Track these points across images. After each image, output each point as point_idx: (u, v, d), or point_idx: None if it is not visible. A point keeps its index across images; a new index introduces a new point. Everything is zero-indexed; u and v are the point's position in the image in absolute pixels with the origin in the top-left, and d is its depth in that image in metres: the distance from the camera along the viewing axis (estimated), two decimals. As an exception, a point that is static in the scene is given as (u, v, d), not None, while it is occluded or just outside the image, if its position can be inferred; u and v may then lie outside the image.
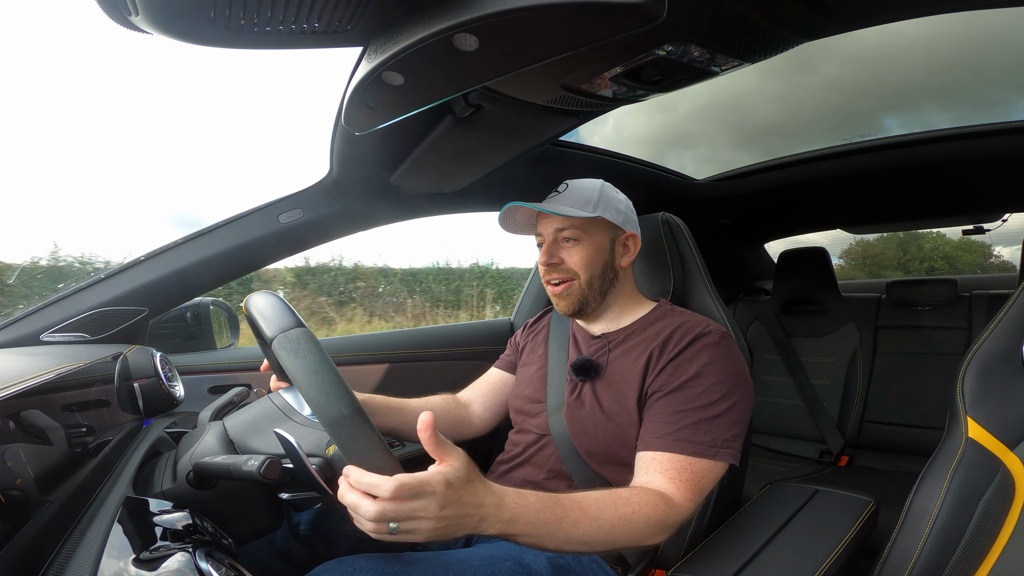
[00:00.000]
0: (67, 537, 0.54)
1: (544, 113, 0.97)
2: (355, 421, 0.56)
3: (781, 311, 2.19)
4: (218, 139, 13.32)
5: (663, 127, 2.59)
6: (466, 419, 1.13)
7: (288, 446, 0.60)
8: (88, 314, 1.06)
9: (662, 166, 1.75)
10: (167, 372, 1.00)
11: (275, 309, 0.64)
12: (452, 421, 1.09)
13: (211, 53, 0.67)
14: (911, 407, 1.89)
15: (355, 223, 1.33)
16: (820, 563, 0.78)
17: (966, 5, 0.76)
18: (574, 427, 0.94)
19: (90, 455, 0.67)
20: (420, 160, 1.13)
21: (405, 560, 0.70)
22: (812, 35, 0.78)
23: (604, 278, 0.98)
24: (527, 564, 0.77)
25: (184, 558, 0.52)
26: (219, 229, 1.18)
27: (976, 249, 6.63)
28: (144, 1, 0.56)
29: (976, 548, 0.73)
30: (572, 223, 0.96)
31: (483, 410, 1.15)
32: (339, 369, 0.58)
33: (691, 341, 0.89)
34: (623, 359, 0.95)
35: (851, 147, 1.69)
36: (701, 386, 0.84)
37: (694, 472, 0.80)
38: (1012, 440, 0.75)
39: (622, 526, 0.71)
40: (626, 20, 0.58)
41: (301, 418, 0.73)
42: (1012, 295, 0.84)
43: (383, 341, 1.61)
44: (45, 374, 0.63)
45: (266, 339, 0.61)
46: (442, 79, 0.73)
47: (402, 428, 1.00)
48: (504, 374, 1.19)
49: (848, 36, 0.81)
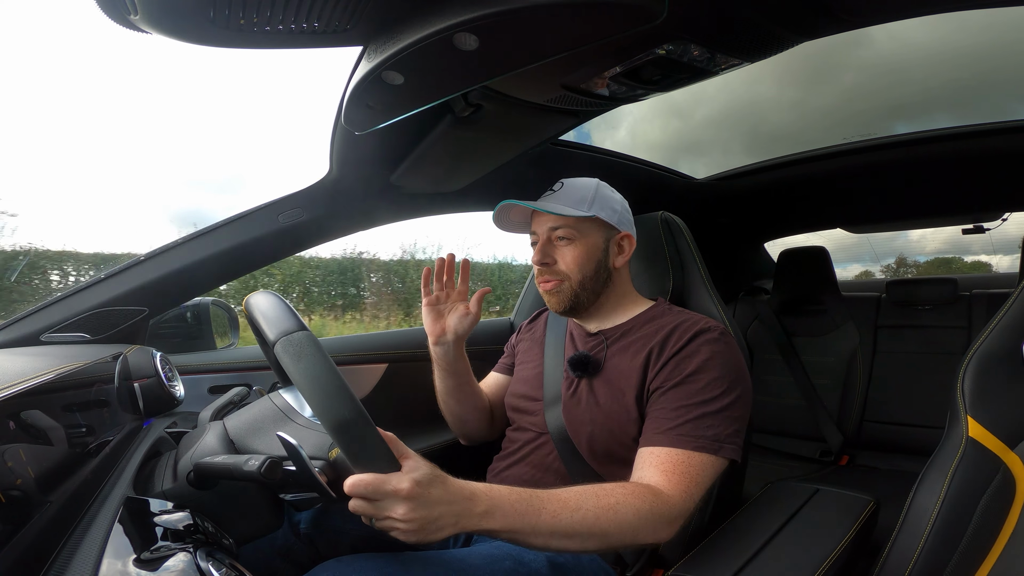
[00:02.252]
0: (68, 537, 0.54)
1: (544, 113, 0.97)
2: (358, 425, 0.56)
3: (781, 310, 2.19)
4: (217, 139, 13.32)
5: (677, 133, 2.59)
6: (489, 422, 1.15)
7: (291, 449, 0.60)
8: (88, 314, 1.06)
9: (662, 165, 1.75)
10: (167, 372, 1.00)
11: (277, 311, 0.63)
12: (482, 410, 1.13)
13: (211, 53, 0.67)
14: (911, 406, 1.89)
15: (355, 223, 1.33)
16: (820, 563, 0.78)
17: (966, 5, 0.76)
18: (571, 423, 0.94)
19: (90, 455, 0.67)
20: (420, 160, 1.13)
21: (405, 559, 0.70)
22: (812, 34, 0.78)
23: (597, 278, 0.97)
24: (526, 563, 0.77)
25: (185, 558, 0.52)
26: (219, 229, 1.18)
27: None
28: (144, 1, 0.56)
29: (976, 547, 0.73)
30: (566, 222, 0.95)
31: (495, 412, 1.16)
32: (339, 369, 0.58)
33: (692, 338, 0.89)
34: (621, 356, 0.95)
35: (851, 147, 1.69)
36: (702, 381, 0.85)
37: (691, 466, 0.79)
38: (1012, 439, 0.75)
39: (608, 516, 0.70)
40: (626, 19, 0.58)
41: (303, 419, 0.73)
42: (1012, 295, 0.84)
43: (383, 341, 1.61)
44: (45, 374, 0.63)
45: (268, 341, 0.62)
46: (442, 78, 0.73)
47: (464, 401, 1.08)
48: (502, 377, 1.19)
49: (867, 46, 0.82)
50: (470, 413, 1.09)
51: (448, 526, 0.62)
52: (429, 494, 0.60)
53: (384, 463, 0.58)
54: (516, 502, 0.67)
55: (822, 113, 2.22)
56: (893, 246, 6.61)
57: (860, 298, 2.10)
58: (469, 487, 0.65)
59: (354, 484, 0.58)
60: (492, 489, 0.67)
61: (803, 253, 2.16)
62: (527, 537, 0.67)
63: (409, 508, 0.58)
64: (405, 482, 0.58)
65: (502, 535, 0.66)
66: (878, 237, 3.15)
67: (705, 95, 0.71)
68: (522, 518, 0.66)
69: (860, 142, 1.67)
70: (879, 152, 1.65)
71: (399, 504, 0.58)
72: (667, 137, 2.50)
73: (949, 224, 2.34)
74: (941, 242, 5.54)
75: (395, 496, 0.58)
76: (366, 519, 0.61)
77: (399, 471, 0.59)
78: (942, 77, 1.86)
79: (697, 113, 2.60)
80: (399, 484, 0.58)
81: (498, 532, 0.65)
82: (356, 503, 0.59)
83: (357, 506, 0.60)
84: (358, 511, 0.60)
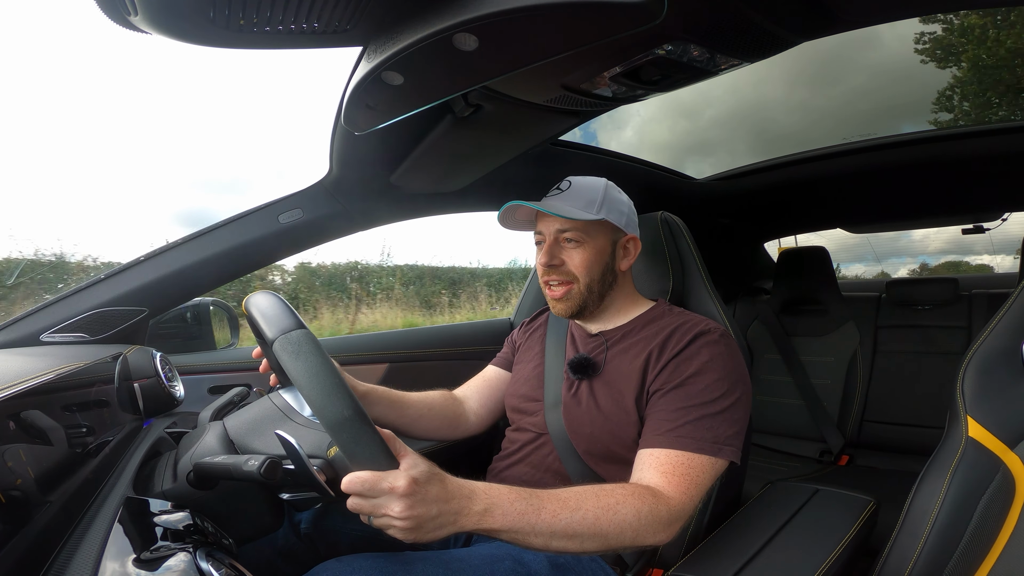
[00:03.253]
0: (68, 537, 0.54)
1: (544, 113, 0.97)
2: (356, 423, 0.56)
3: (781, 310, 2.19)
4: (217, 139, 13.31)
5: (685, 134, 2.61)
6: (461, 416, 1.12)
7: (289, 447, 0.60)
8: (88, 314, 1.06)
9: (662, 165, 1.75)
10: (167, 372, 1.00)
11: (275, 310, 0.64)
12: (448, 418, 1.09)
13: (211, 53, 0.67)
14: (911, 406, 1.89)
15: (355, 223, 1.33)
16: (820, 563, 0.78)
17: (966, 5, 0.76)
18: (571, 425, 0.94)
19: (90, 455, 0.67)
20: (420, 160, 1.13)
21: (405, 559, 0.70)
22: (811, 34, 0.78)
23: (603, 281, 0.97)
24: (526, 563, 0.77)
25: (185, 558, 0.52)
26: (219, 229, 1.18)
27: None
28: (144, 1, 0.56)
29: (976, 547, 0.73)
30: (575, 225, 0.94)
31: (478, 407, 1.14)
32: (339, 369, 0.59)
33: (692, 339, 0.89)
34: (621, 357, 0.95)
35: (851, 147, 1.69)
36: (702, 383, 0.84)
37: (691, 468, 0.79)
38: (1012, 439, 0.75)
39: (608, 517, 0.70)
40: (626, 20, 0.58)
41: (302, 419, 0.73)
42: (1012, 294, 0.84)
43: (383, 341, 1.61)
44: (45, 374, 0.63)
45: (267, 340, 0.62)
46: (442, 79, 0.73)
47: (400, 422, 1.01)
48: (501, 372, 1.18)
49: (877, 48, 0.82)
50: (436, 423, 1.06)
51: (447, 524, 0.62)
52: (427, 492, 0.60)
53: (382, 461, 0.58)
54: (515, 501, 0.67)
55: (829, 114, 2.22)
56: (896, 246, 6.62)
57: (860, 298, 2.10)
58: (468, 485, 0.65)
59: (351, 481, 0.58)
60: (491, 488, 0.67)
61: (803, 253, 2.16)
62: (527, 537, 0.67)
63: (406, 505, 0.58)
64: (402, 479, 0.58)
65: (501, 534, 0.66)
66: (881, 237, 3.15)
67: (713, 96, 0.72)
68: (521, 517, 0.66)
69: (860, 142, 1.67)
70: (879, 152, 1.65)
71: (396, 501, 0.58)
72: (675, 137, 2.51)
73: (949, 224, 2.34)
74: (944, 242, 5.55)
75: (392, 493, 0.58)
76: (364, 517, 0.61)
77: (397, 468, 0.59)
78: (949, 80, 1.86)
79: (705, 114, 2.62)
80: (396, 481, 0.58)
81: (497, 531, 0.65)
82: (353, 500, 0.60)
83: (355, 503, 0.60)
84: (355, 509, 0.60)
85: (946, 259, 5.54)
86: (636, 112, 1.71)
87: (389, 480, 0.58)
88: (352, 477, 0.58)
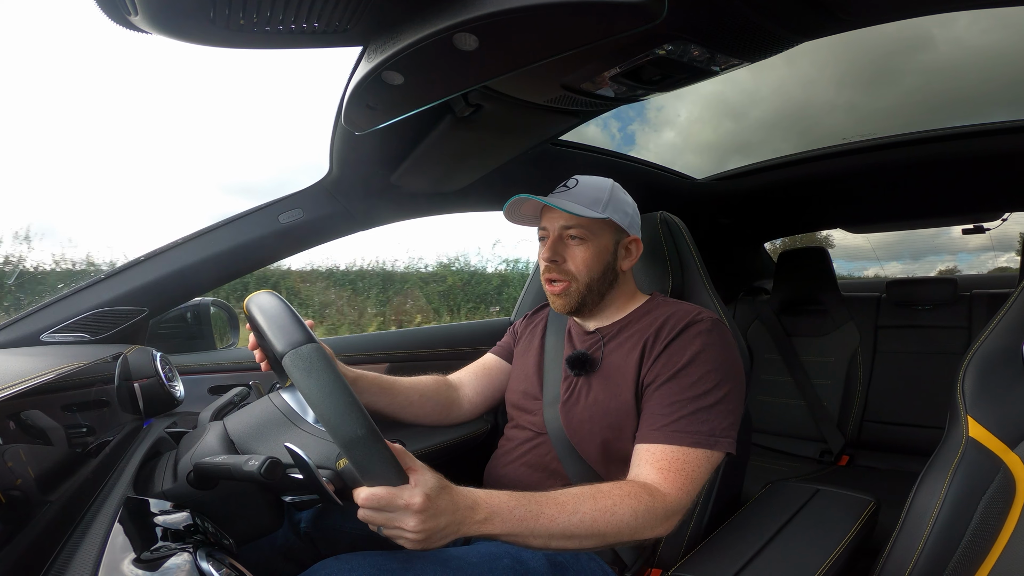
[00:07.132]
0: (68, 538, 0.54)
1: (544, 113, 0.97)
2: (370, 441, 0.57)
3: (781, 311, 2.19)
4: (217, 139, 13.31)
5: (729, 135, 2.60)
6: (455, 402, 1.12)
7: (299, 459, 0.60)
8: (88, 314, 1.06)
9: (661, 165, 1.75)
10: (167, 372, 1.00)
11: (283, 320, 0.63)
12: (441, 404, 1.09)
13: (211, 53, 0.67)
14: (911, 406, 1.89)
15: (355, 223, 1.33)
16: (820, 563, 0.78)
17: (966, 5, 0.76)
18: (570, 423, 0.94)
19: (90, 455, 0.67)
20: (420, 160, 1.13)
21: (403, 557, 0.71)
22: (811, 34, 0.78)
23: (604, 280, 0.97)
24: (525, 562, 0.77)
25: (185, 558, 0.52)
26: (219, 229, 1.18)
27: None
28: (144, 1, 0.56)
29: (977, 547, 0.73)
30: (580, 222, 0.94)
31: (473, 394, 1.14)
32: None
33: (683, 328, 0.89)
34: (617, 352, 0.95)
35: (851, 147, 1.69)
36: (695, 375, 0.85)
37: (687, 462, 0.80)
38: (1012, 439, 0.75)
39: (605, 519, 0.72)
40: (626, 20, 0.58)
41: (307, 426, 0.73)
42: (1012, 295, 0.84)
43: (383, 341, 1.61)
44: (45, 374, 0.63)
45: (276, 353, 0.62)
46: (442, 79, 0.73)
47: (389, 409, 1.02)
48: (500, 361, 1.18)
49: (930, 51, 0.81)
50: (427, 409, 1.08)
51: (451, 534, 0.64)
52: (437, 506, 0.62)
53: (394, 477, 0.60)
54: (515, 508, 0.69)
55: (881, 116, 2.19)
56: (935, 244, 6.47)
57: (860, 298, 2.10)
58: (471, 495, 0.67)
59: (367, 499, 0.60)
60: (492, 496, 0.69)
61: (803, 253, 2.16)
62: (526, 539, 0.69)
63: (420, 520, 0.60)
64: (418, 496, 0.60)
65: (501, 538, 0.68)
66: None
67: (760, 96, 0.71)
68: (520, 523, 0.68)
69: (860, 142, 1.67)
70: (879, 152, 1.64)
71: (411, 517, 0.60)
72: (718, 138, 2.49)
73: (949, 224, 2.34)
74: (986, 238, 5.34)
75: (407, 510, 0.60)
76: (374, 527, 0.63)
77: (408, 484, 0.61)
78: (1002, 81, 1.83)
79: (751, 115, 2.60)
80: (412, 499, 0.60)
81: (497, 536, 0.68)
82: (366, 513, 0.62)
83: (367, 516, 0.62)
84: (368, 520, 0.62)
85: (983, 256, 5.39)
86: (678, 113, 1.71)
87: (404, 497, 0.60)
88: (368, 495, 0.60)
